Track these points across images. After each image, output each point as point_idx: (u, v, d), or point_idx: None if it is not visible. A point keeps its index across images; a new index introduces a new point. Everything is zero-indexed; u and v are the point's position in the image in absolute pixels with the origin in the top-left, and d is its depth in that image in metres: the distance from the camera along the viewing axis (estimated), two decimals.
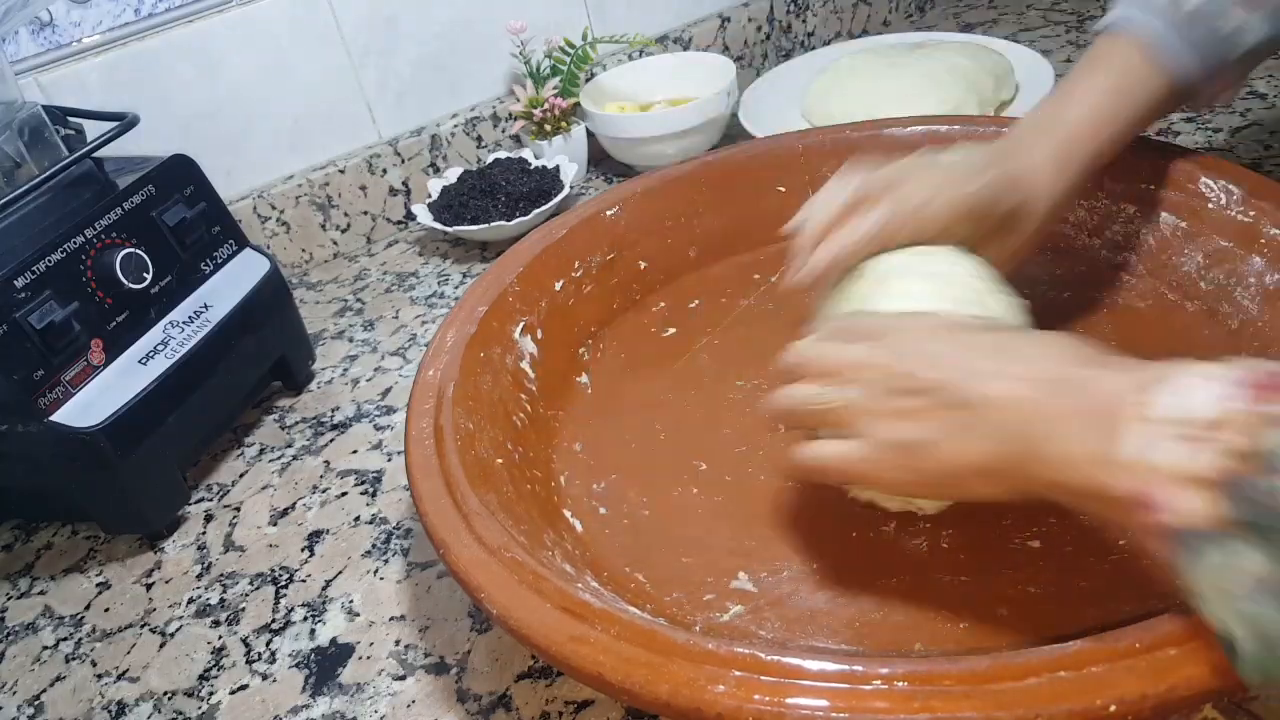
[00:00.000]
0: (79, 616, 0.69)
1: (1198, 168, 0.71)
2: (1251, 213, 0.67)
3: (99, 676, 0.64)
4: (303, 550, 0.71)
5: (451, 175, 1.09)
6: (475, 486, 0.58)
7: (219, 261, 0.80)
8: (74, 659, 0.66)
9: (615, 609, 0.48)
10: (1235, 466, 0.35)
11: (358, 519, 0.73)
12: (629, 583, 0.59)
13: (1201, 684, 0.40)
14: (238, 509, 0.76)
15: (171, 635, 0.66)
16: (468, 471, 0.59)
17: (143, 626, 0.67)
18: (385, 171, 1.10)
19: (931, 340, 0.50)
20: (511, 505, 0.60)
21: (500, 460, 0.64)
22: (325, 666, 0.61)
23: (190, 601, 0.68)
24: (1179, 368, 0.40)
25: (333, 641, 0.63)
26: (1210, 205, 0.70)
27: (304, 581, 0.68)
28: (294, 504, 0.75)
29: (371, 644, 0.62)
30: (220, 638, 0.65)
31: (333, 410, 0.85)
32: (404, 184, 1.12)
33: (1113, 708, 0.39)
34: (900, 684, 0.41)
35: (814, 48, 1.35)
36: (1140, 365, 0.42)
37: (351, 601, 0.66)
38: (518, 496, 0.62)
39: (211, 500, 0.77)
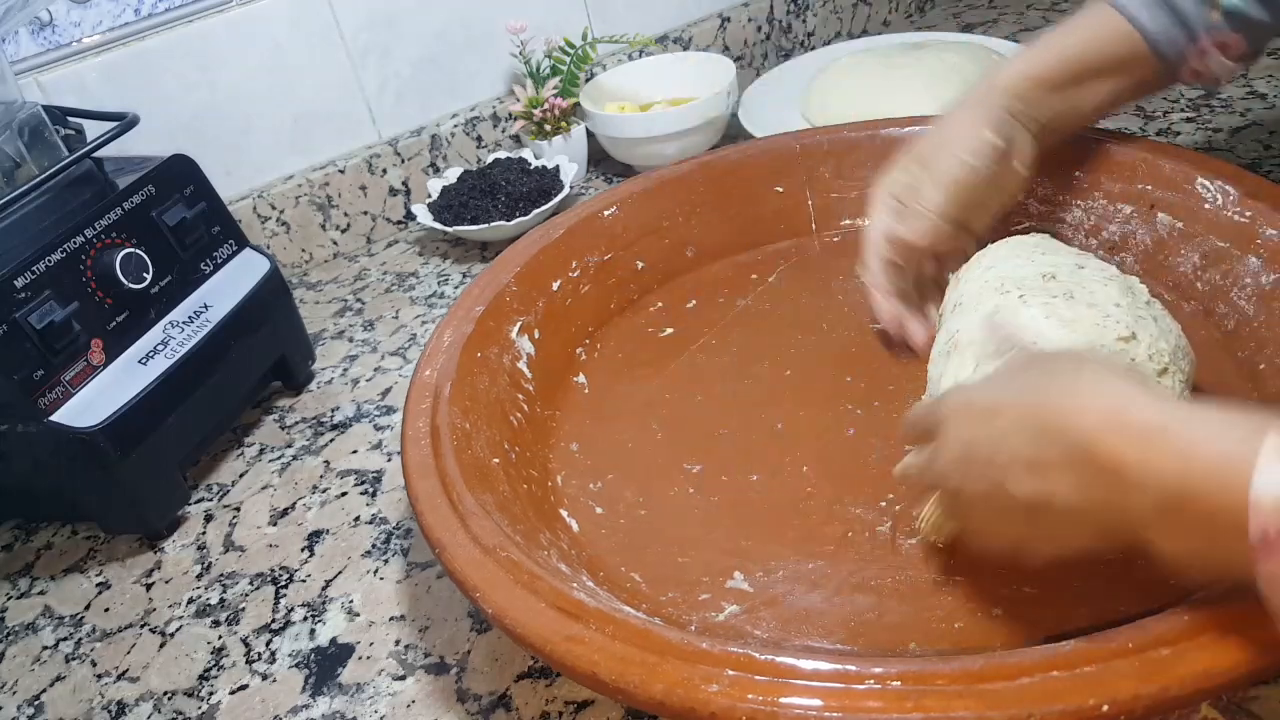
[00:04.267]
0: (79, 616, 0.70)
1: (1194, 168, 0.71)
2: (1248, 213, 0.67)
3: (99, 676, 0.64)
4: (303, 550, 0.71)
5: (451, 175, 1.09)
6: (472, 486, 0.58)
7: (219, 261, 0.80)
8: (74, 659, 0.66)
9: (610, 608, 0.49)
10: None
11: (358, 519, 0.73)
12: (625, 582, 0.60)
13: (1194, 684, 0.40)
14: (238, 509, 0.76)
15: (171, 635, 0.66)
16: (464, 471, 0.59)
17: (143, 626, 0.68)
18: (385, 171, 1.10)
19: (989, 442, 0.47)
20: (508, 505, 0.60)
21: (497, 460, 0.64)
22: (325, 666, 0.62)
23: (190, 601, 0.69)
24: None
25: (333, 641, 0.63)
26: (1207, 206, 0.70)
27: (304, 581, 0.68)
28: (294, 504, 0.75)
29: (371, 644, 0.62)
30: (220, 638, 0.65)
31: (333, 410, 0.85)
32: (404, 184, 1.12)
33: (1105, 707, 0.39)
34: (894, 683, 0.41)
35: (814, 48, 1.35)
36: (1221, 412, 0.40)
37: (351, 601, 0.66)
38: (514, 496, 0.62)
39: (211, 500, 0.78)
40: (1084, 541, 0.45)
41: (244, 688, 0.61)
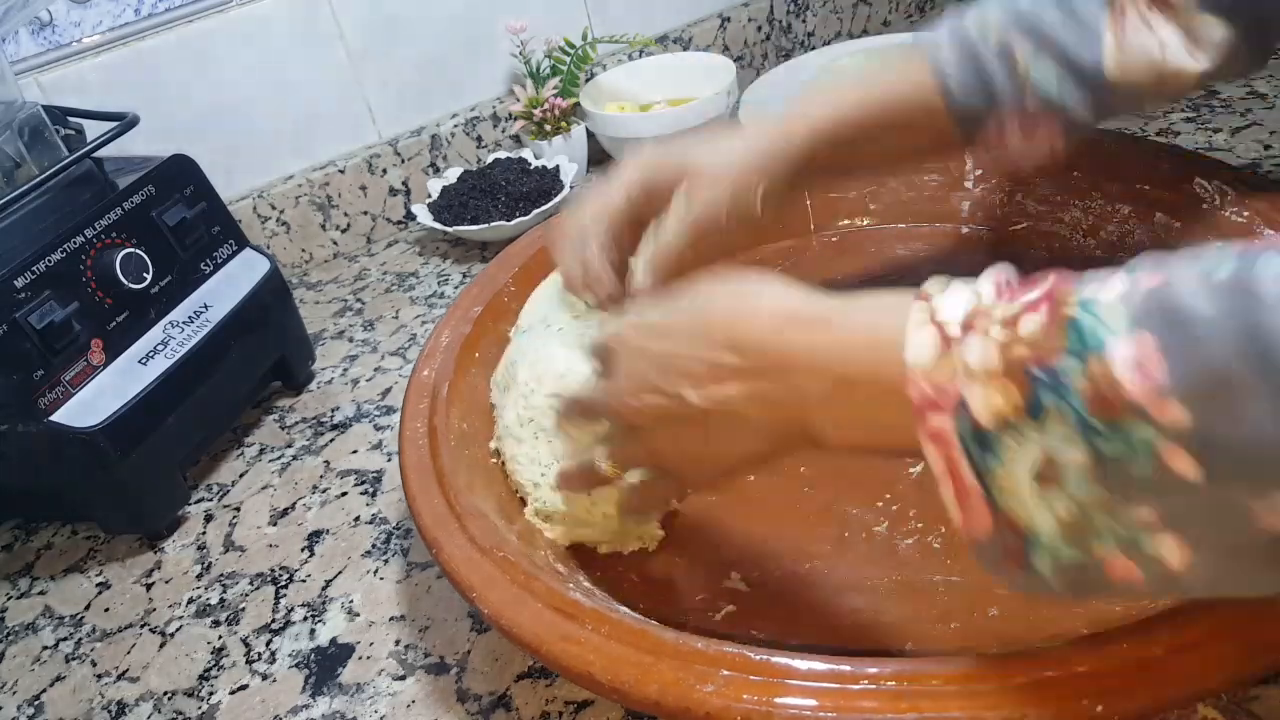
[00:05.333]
0: (79, 616, 0.70)
1: (1193, 168, 0.71)
2: (1245, 213, 0.67)
3: (99, 676, 0.65)
4: (303, 550, 0.71)
5: (451, 175, 1.09)
6: (469, 486, 0.58)
7: (219, 261, 0.80)
8: (74, 659, 0.66)
9: (606, 609, 0.49)
10: (1022, 355, 0.35)
11: (358, 519, 0.73)
12: (621, 582, 0.60)
13: (1189, 684, 0.40)
14: (238, 509, 0.76)
15: (171, 635, 0.67)
16: (462, 471, 0.59)
17: (143, 626, 0.68)
18: (385, 171, 1.10)
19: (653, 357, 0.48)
20: (505, 505, 0.60)
21: (494, 460, 0.65)
22: (325, 666, 0.62)
23: (190, 601, 0.69)
24: (934, 284, 0.40)
25: (333, 641, 0.63)
26: (1205, 206, 0.70)
27: (304, 581, 0.68)
28: (294, 504, 0.76)
29: (371, 644, 0.63)
30: (220, 638, 0.65)
31: (333, 410, 0.85)
32: (404, 184, 1.12)
33: (1099, 708, 0.39)
34: (888, 684, 0.41)
35: (814, 48, 1.35)
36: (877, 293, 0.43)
37: (351, 601, 0.66)
38: (511, 496, 0.63)
39: (211, 500, 0.78)
40: (760, 445, 0.47)
41: (244, 688, 0.62)
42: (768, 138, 0.62)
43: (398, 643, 0.62)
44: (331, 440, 0.82)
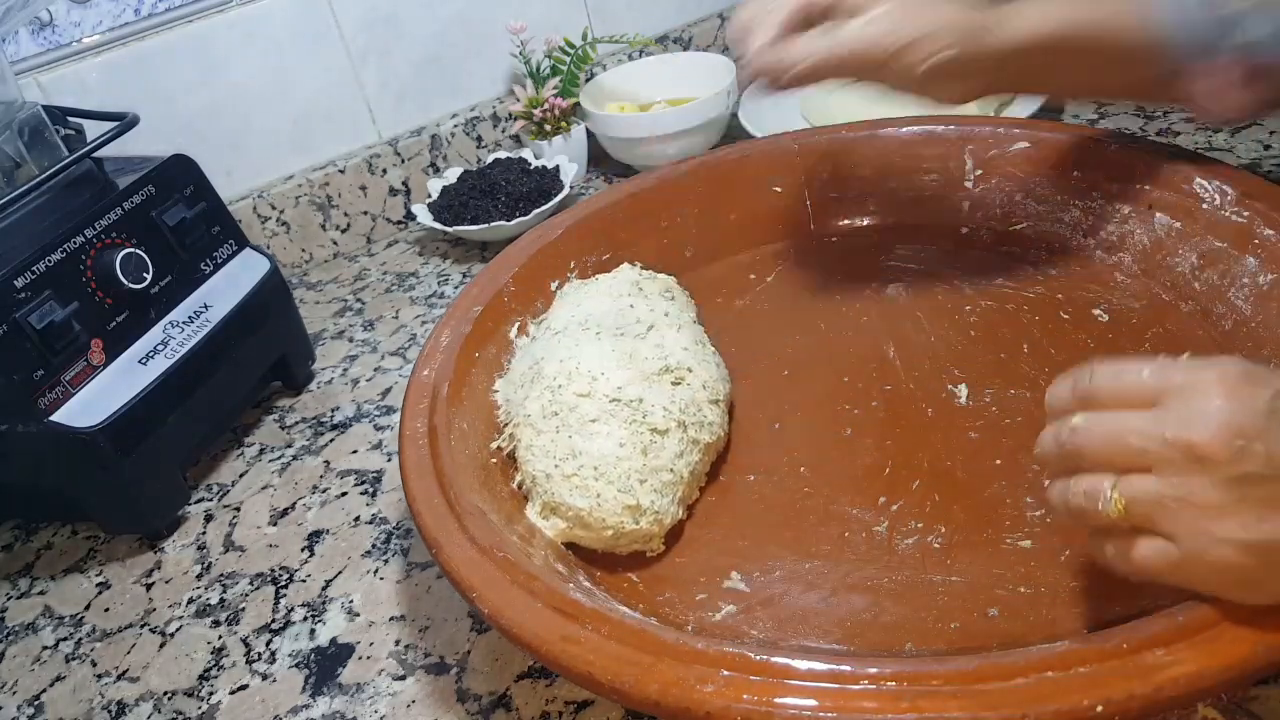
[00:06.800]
0: (79, 616, 0.70)
1: (1192, 168, 0.71)
2: (1245, 214, 0.67)
3: (99, 676, 0.65)
4: (303, 550, 0.71)
5: (451, 175, 1.09)
6: (469, 486, 0.58)
7: (219, 261, 0.80)
8: (74, 659, 0.66)
9: (606, 609, 0.49)
10: None
11: (358, 519, 0.73)
12: (621, 582, 0.60)
13: (1188, 684, 0.40)
14: (238, 509, 0.76)
15: (171, 635, 0.67)
16: (461, 471, 0.59)
17: (143, 626, 0.68)
18: (385, 171, 1.10)
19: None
20: (505, 505, 0.60)
21: (495, 460, 0.65)
22: (325, 666, 0.62)
23: (190, 601, 0.69)
24: None
25: (333, 641, 0.63)
26: (1204, 206, 0.70)
27: (304, 581, 0.69)
28: (294, 504, 0.76)
29: (371, 644, 0.63)
30: (220, 638, 0.65)
31: (333, 410, 0.85)
32: (404, 184, 1.12)
33: (1100, 708, 0.39)
34: (888, 684, 0.42)
35: None
36: None
37: (351, 601, 0.66)
38: (511, 496, 0.63)
39: (211, 500, 0.78)
40: None
41: (244, 688, 0.62)
42: (977, 20, 0.61)
43: (398, 643, 0.62)
44: (331, 440, 0.82)
